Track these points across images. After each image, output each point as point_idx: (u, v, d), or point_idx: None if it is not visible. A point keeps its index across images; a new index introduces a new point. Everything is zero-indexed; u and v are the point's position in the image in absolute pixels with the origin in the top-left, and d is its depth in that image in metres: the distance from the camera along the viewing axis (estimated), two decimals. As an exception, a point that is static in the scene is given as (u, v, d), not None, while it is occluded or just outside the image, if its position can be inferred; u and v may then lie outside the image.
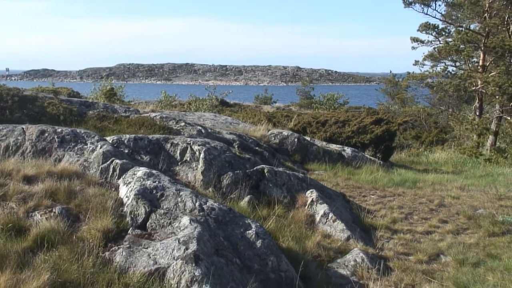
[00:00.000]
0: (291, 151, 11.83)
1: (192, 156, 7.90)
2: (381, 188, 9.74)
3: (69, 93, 21.62)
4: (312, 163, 11.52)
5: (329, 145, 13.19)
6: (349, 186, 9.73)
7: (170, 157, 7.93)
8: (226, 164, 7.89)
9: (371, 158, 13.06)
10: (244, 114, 21.34)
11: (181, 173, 7.69)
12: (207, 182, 7.47)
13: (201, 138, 8.88)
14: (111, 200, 5.70)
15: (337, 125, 14.95)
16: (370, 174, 10.72)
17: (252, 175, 7.84)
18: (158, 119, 10.85)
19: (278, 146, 11.81)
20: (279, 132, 12.36)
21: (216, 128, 12.02)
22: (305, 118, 16.03)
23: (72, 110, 10.36)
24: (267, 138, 12.01)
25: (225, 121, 14.68)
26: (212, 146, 8.12)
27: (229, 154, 8.19)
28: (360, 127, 14.65)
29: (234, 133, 11.11)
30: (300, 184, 8.10)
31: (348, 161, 12.15)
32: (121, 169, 6.66)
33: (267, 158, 10.21)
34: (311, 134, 14.94)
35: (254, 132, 12.29)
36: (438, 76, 20.97)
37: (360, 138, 14.50)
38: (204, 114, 15.68)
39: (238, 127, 13.55)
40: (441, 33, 20.81)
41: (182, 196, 5.86)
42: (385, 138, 14.64)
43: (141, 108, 13.39)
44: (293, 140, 12.03)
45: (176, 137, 8.48)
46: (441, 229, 7.60)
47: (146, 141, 8.08)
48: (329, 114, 16.14)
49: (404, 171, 12.00)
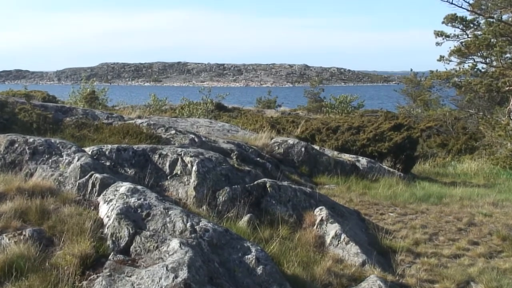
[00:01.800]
0: (297, 162, 11.90)
1: (183, 169, 7.92)
2: (401, 205, 9.75)
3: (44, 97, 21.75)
4: (321, 176, 11.57)
5: (341, 155, 13.24)
6: (364, 202, 9.74)
7: (158, 171, 7.95)
8: (222, 178, 7.91)
9: (390, 170, 13.13)
10: (244, 120, 21.45)
11: (171, 188, 7.71)
12: (201, 199, 7.49)
13: (194, 148, 8.93)
14: (90, 221, 5.70)
15: (350, 132, 15.05)
16: (388, 188, 10.76)
17: (252, 190, 7.85)
18: (145, 126, 10.89)
19: (282, 157, 11.88)
20: (284, 141, 12.41)
21: (211, 136, 12.06)
22: (314, 124, 16.14)
23: (46, 117, 10.39)
24: (270, 147, 12.08)
25: (222, 128, 14.80)
26: (206, 157, 8.15)
27: (226, 166, 8.21)
28: (377, 134, 14.75)
29: (232, 142, 11.14)
30: (308, 201, 8.12)
31: (363, 173, 12.21)
32: (101, 184, 6.67)
33: (269, 170, 10.26)
34: (321, 142, 15.03)
35: (255, 140, 12.33)
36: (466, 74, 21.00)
37: (377, 146, 14.60)
38: (198, 120, 15.78)
39: (236, 135, 13.60)
40: (469, 25, 20.87)
41: (171, 216, 5.86)
42: (406, 146, 14.73)
43: (126, 114, 13.47)
44: (300, 150, 12.10)
45: (165, 147, 8.52)
46: (471, 252, 7.60)
47: (130, 152, 8.11)
48: (342, 119, 16.41)
49: (428, 185, 12.04)
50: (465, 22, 20.76)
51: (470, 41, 20.08)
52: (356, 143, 14.74)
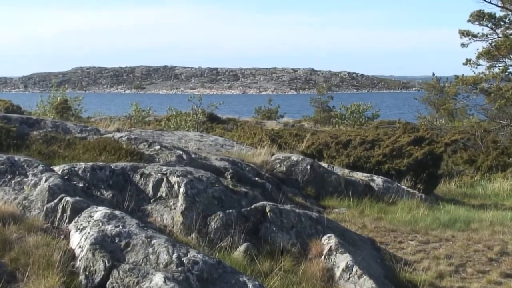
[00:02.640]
0: (302, 183, 11.93)
1: (169, 191, 7.93)
2: (422, 231, 9.74)
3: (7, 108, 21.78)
4: (330, 198, 11.59)
5: (353, 174, 13.28)
6: (380, 228, 9.74)
7: (139, 193, 7.96)
8: (214, 201, 7.93)
9: (410, 191, 13.14)
10: (240, 133, 21.31)
11: (154, 213, 7.71)
12: (189, 225, 7.48)
13: (181, 166, 8.92)
14: (59, 252, 5.67)
15: (363, 147, 15.08)
16: (408, 212, 10.76)
17: (249, 215, 7.86)
18: (125, 141, 10.93)
19: (285, 176, 11.92)
20: (287, 157, 12.47)
21: (202, 152, 12.13)
22: (322, 138, 16.19)
23: (9, 131, 10.37)
24: (270, 165, 12.12)
25: (215, 143, 14.90)
26: (196, 177, 8.16)
27: (219, 187, 8.24)
28: (394, 149, 14.77)
29: (227, 159, 11.19)
30: (314, 227, 8.12)
31: (378, 194, 12.25)
32: (73, 209, 6.66)
33: (270, 192, 10.28)
34: (329, 159, 15.06)
35: (253, 157, 12.38)
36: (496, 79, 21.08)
37: (394, 163, 14.63)
38: (187, 134, 15.88)
39: (232, 151, 13.69)
40: (499, 23, 21.01)
41: (155, 246, 5.85)
42: (428, 163, 14.72)
43: (103, 127, 13.48)
44: (305, 168, 12.15)
45: (148, 165, 8.52)
46: (503, 286, 7.59)
47: (108, 172, 8.11)
48: (353, 131, 16.66)
49: (453, 208, 12.03)
50: (495, 20, 20.90)
51: (501, 41, 20.21)
52: (370, 160, 14.72)
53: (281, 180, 11.63)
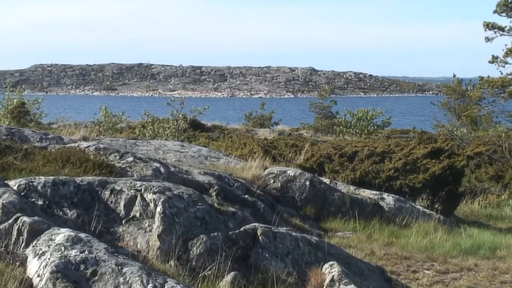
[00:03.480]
0: (300, 201, 11.93)
1: (144, 210, 7.93)
2: (441, 259, 9.74)
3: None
4: (333, 219, 11.59)
5: (359, 191, 13.30)
6: (390, 255, 9.72)
7: (109, 212, 7.95)
8: (197, 223, 7.93)
9: (426, 211, 13.13)
10: (227, 143, 21.22)
11: (126, 237, 7.69)
12: (167, 251, 7.45)
13: (158, 181, 8.91)
14: (15, 282, 5.63)
15: (372, 160, 15.04)
16: (423, 237, 10.74)
17: (238, 239, 7.85)
18: (93, 151, 10.94)
19: (279, 194, 11.93)
20: (282, 172, 12.48)
21: (183, 165, 12.16)
22: (323, 149, 16.09)
23: (-43, 139, 10.28)
24: (262, 180, 12.13)
25: (198, 154, 14.94)
26: (175, 194, 8.17)
27: (203, 206, 8.24)
28: (408, 162, 14.71)
29: (212, 173, 11.20)
30: (314, 254, 8.12)
31: (389, 216, 12.25)
32: (31, 231, 6.61)
33: (262, 212, 10.28)
34: (332, 174, 15.02)
35: (242, 171, 12.42)
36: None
37: (408, 179, 14.57)
38: (166, 144, 15.88)
39: (217, 164, 13.71)
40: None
41: (127, 275, 5.84)
42: (447, 179, 14.68)
43: (67, 135, 13.44)
44: (304, 184, 12.16)
45: (119, 180, 8.53)
46: (535, 323, 7.59)
47: (72, 187, 8.10)
48: (360, 142, 16.61)
49: (477, 232, 12.02)
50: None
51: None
52: (380, 175, 14.66)
53: (275, 198, 11.62)
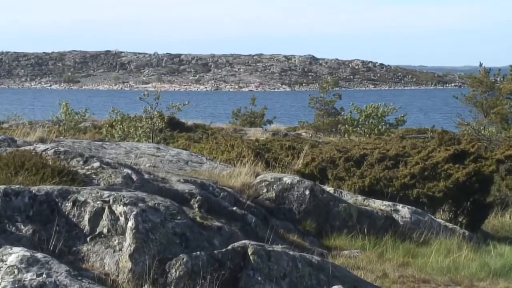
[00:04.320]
0: (298, 214, 11.90)
1: (113, 226, 7.91)
2: (466, 282, 9.72)
3: None
4: (337, 235, 11.56)
5: (369, 202, 13.28)
6: (406, 278, 9.66)
7: (71, 228, 7.92)
8: (176, 240, 7.95)
9: (448, 225, 13.12)
10: (212, 145, 21.03)
11: (92, 257, 7.65)
12: (141, 273, 7.41)
13: (130, 191, 8.92)
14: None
15: (384, 165, 15.00)
16: (445, 256, 10.76)
17: (225, 259, 7.83)
18: (52, 155, 10.89)
19: (274, 205, 11.89)
20: (277, 179, 12.44)
21: (159, 171, 12.11)
22: (325, 152, 15.99)
23: None
24: (254, 189, 12.10)
25: (177, 159, 14.98)
26: (150, 206, 8.16)
27: (183, 220, 8.24)
28: (426, 167, 14.68)
29: (193, 181, 11.19)
30: (316, 276, 8.10)
31: (404, 231, 12.24)
32: (-23, 251, 6.59)
33: (253, 226, 10.27)
34: (336, 181, 14.95)
35: (230, 178, 12.39)
36: None
37: (426, 188, 14.52)
38: (138, 146, 15.88)
39: (200, 170, 13.70)
40: None
41: (92, 303, 5.80)
42: (473, 187, 14.65)
43: (21, 136, 13.47)
44: (303, 194, 12.13)
45: (83, 189, 8.51)
46: None
47: (27, 198, 8.06)
48: (370, 143, 16.82)
49: (509, 250, 12.05)
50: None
51: None
52: (393, 183, 14.60)
53: (269, 210, 11.59)
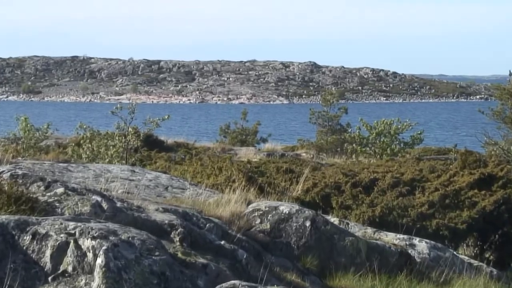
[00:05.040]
0: (297, 249, 11.87)
1: (79, 263, 7.94)
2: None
3: None
4: (343, 274, 11.43)
5: (380, 235, 13.32)
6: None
7: (30, 265, 7.94)
8: (154, 280, 8.03)
9: (473, 263, 13.12)
10: (196, 168, 21.04)
11: (54, 301, 7.64)
12: (111, 322, 7.46)
13: (100, 222, 8.95)
14: None
15: (397, 191, 15.02)
16: (470, 298, 10.90)
17: (211, 304, 7.85)
18: (8, 179, 10.93)
19: (269, 239, 11.89)
20: (272, 208, 12.43)
21: (134, 198, 12.08)
22: (329, 176, 16.04)
23: None
24: (245, 220, 12.13)
25: (155, 184, 15.02)
26: (123, 240, 8.24)
27: (162, 257, 8.31)
28: (447, 194, 14.72)
29: (174, 210, 11.17)
30: (319, 325, 8.02)
31: (422, 269, 12.24)
32: None
33: (244, 264, 10.19)
34: (342, 210, 14.98)
35: (217, 207, 12.39)
36: None
37: (447, 218, 14.55)
38: (110, 168, 15.90)
39: (182, 197, 13.70)
40: None
41: None
42: (502, 217, 14.70)
43: (-30, 156, 13.60)
44: (302, 225, 12.12)
45: (45, 220, 8.52)
46: None
47: (-24, 231, 8.09)
48: (381, 165, 16.47)
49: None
50: None
51: None
52: (409, 212, 14.53)
53: (263, 244, 11.59)
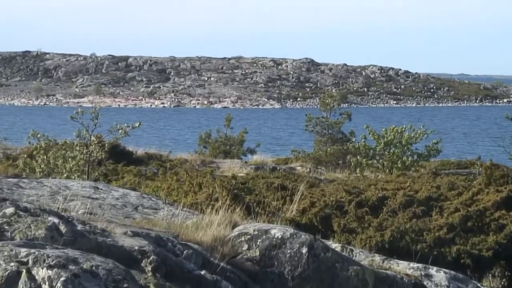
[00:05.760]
0: (292, 280, 11.55)
1: None
2: None
3: None
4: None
5: (390, 264, 13.05)
6: None
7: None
8: None
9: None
10: (172, 184, 20.71)
11: None
12: None
13: (57, 248, 8.83)
14: None
15: (410, 212, 14.76)
16: None
17: None
18: None
19: (258, 268, 11.61)
20: (262, 231, 12.11)
21: (98, 220, 11.79)
22: (330, 194, 15.98)
23: None
24: (230, 246, 11.80)
25: (123, 203, 14.92)
26: (85, 269, 8.26)
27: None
28: (470, 215, 14.50)
29: (146, 235, 10.89)
30: None
31: (439, 304, 12.26)
32: None
33: (228, 298, 10.21)
34: (345, 234, 14.91)
35: (196, 230, 12.04)
36: None
37: (470, 244, 14.35)
38: (69, 184, 15.71)
39: (155, 218, 13.36)
40: None
41: None
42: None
43: None
44: (298, 252, 11.88)
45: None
46: None
47: None
48: (391, 181, 16.31)
49: None
50: None
51: None
52: (424, 237, 14.30)
53: (251, 275, 11.27)
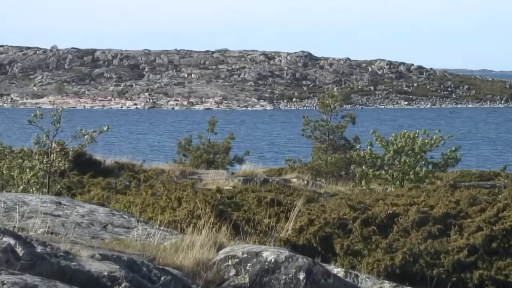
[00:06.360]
0: None
1: None
2: None
3: None
4: None
5: None
6: None
7: None
8: None
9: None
10: (146, 198, 20.28)
11: None
12: None
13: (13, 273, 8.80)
14: None
15: (425, 231, 14.53)
16: None
17: None
18: None
19: None
20: (252, 254, 12.05)
21: (61, 241, 11.64)
22: (331, 210, 15.75)
23: None
24: (215, 271, 11.74)
25: (90, 220, 14.74)
26: None
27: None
28: (494, 235, 14.36)
29: (116, 257, 10.81)
30: None
31: None
32: None
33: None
34: (348, 257, 14.64)
35: (176, 253, 11.93)
36: None
37: (495, 269, 14.14)
38: (27, 199, 15.41)
39: (127, 239, 13.38)
40: None
41: None
42: None
43: None
44: (294, 278, 11.78)
45: None
46: None
47: None
48: (402, 196, 16.38)
49: None
50: None
51: None
52: (441, 261, 13.97)
53: None
